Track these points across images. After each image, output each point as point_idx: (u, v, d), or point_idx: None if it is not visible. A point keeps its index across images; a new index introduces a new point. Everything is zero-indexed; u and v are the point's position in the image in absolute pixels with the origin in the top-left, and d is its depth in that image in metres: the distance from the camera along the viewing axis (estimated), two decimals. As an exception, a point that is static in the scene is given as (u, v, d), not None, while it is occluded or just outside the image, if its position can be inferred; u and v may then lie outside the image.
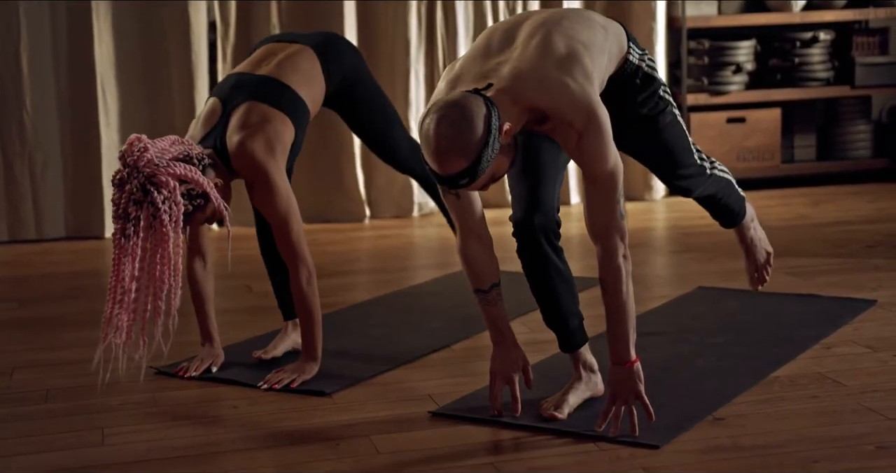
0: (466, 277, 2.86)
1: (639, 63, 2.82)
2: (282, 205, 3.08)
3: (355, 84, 3.40)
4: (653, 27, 5.73)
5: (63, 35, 5.26)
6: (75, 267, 4.81)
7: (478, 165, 2.47)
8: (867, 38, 6.02)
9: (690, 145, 3.00)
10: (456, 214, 2.80)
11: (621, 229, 2.66)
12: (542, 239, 2.78)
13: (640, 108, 2.85)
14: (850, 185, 5.99)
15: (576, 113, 2.56)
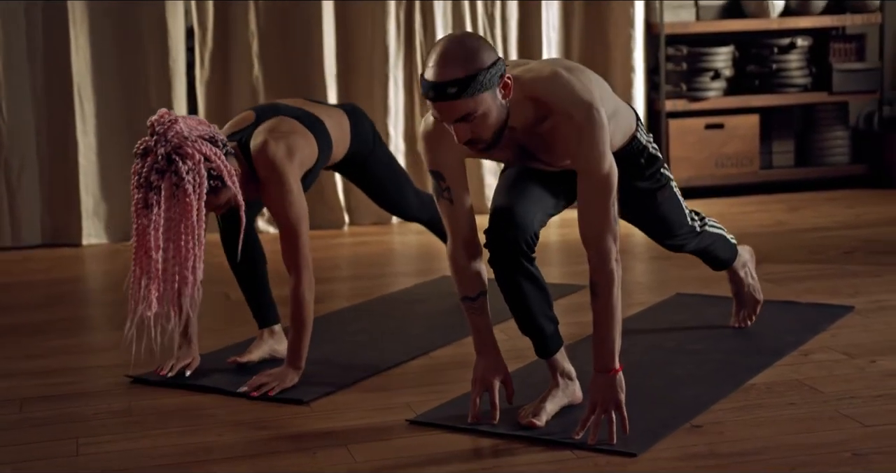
0: (454, 284, 2.86)
1: (646, 144, 2.98)
2: (294, 209, 3.12)
3: (371, 154, 3.54)
4: (631, 33, 5.74)
5: (39, 40, 5.23)
6: (53, 275, 4.79)
7: (472, 80, 2.48)
8: (844, 44, 6.05)
9: (685, 214, 3.15)
10: (448, 220, 2.81)
11: (615, 233, 2.68)
12: (516, 251, 2.76)
13: (642, 183, 3.01)
14: (828, 191, 6.01)
15: (578, 106, 2.62)
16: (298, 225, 3.13)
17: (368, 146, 3.55)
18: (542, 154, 2.76)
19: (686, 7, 5.88)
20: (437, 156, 2.75)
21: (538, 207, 2.82)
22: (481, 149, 2.62)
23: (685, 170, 5.89)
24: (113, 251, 5.22)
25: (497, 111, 2.56)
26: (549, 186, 2.88)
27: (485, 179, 5.72)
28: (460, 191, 2.78)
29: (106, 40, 5.29)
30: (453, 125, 2.55)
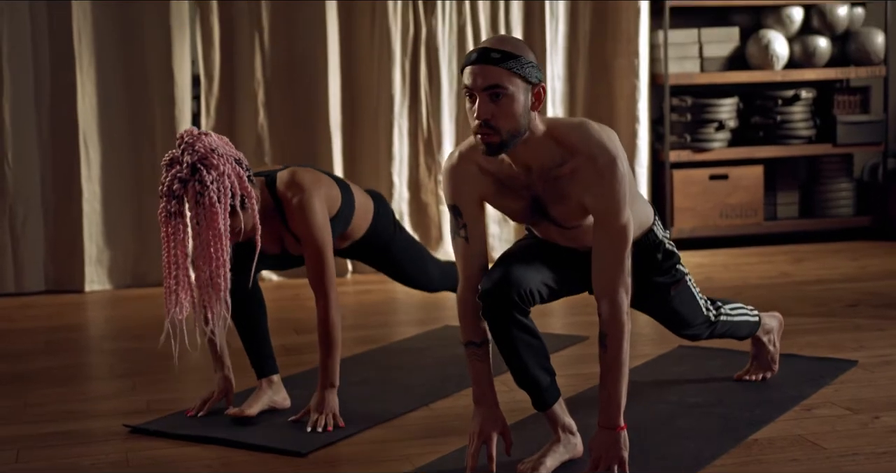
0: (460, 327, 2.86)
1: (662, 238, 3.02)
2: (320, 231, 3.18)
3: (392, 240, 3.59)
4: (636, 84, 5.76)
5: (46, 86, 5.26)
6: (54, 322, 4.78)
7: (515, 59, 2.59)
8: (848, 96, 6.07)
9: (700, 306, 3.18)
10: (461, 261, 2.82)
11: (627, 286, 2.69)
12: (508, 303, 2.75)
13: (658, 278, 3.05)
14: (833, 243, 6.00)
15: (603, 152, 2.66)
16: (325, 248, 3.20)
17: (389, 230, 3.57)
18: (555, 206, 2.75)
19: (691, 58, 5.90)
20: (457, 190, 2.79)
21: (536, 274, 2.81)
22: (494, 146, 2.62)
23: (689, 220, 5.88)
24: (115, 298, 5.22)
25: (522, 107, 2.61)
26: (554, 265, 2.88)
27: (489, 228, 5.72)
28: (476, 232, 2.81)
29: (112, 88, 5.31)
30: (479, 96, 2.60)
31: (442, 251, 5.67)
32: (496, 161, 2.76)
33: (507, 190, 2.77)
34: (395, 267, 3.69)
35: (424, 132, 5.63)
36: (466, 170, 2.78)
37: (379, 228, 3.55)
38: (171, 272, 2.98)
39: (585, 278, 2.85)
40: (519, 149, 2.68)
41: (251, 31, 5.41)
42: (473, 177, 2.77)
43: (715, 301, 3.28)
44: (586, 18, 5.77)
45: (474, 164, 2.78)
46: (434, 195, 5.66)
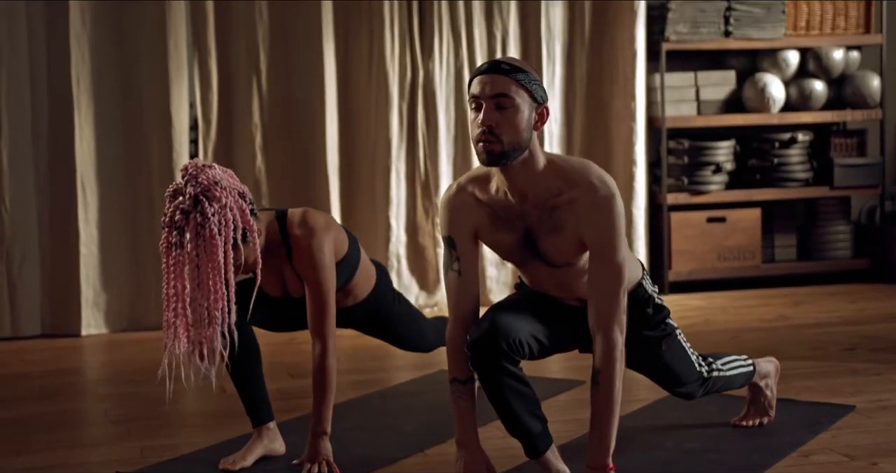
0: (448, 364, 2.85)
1: (651, 293, 3.03)
2: (326, 274, 3.16)
3: (391, 310, 3.57)
4: (633, 127, 5.78)
5: (44, 130, 5.27)
6: (50, 366, 4.75)
7: (524, 73, 2.67)
8: (845, 139, 6.08)
9: (692, 362, 3.16)
10: (453, 296, 2.82)
11: (622, 325, 2.69)
12: (497, 352, 2.75)
13: (648, 332, 3.04)
14: (831, 286, 5.99)
15: (601, 183, 2.70)
16: (328, 292, 3.18)
17: (389, 299, 3.55)
18: (548, 238, 2.76)
19: (687, 101, 5.92)
20: (453, 222, 2.82)
21: (526, 325, 2.81)
22: (495, 154, 2.65)
23: (687, 263, 5.88)
24: (112, 341, 5.20)
25: (526, 121, 2.66)
26: (544, 320, 2.88)
27: (486, 270, 5.71)
28: (469, 266, 2.82)
29: (110, 131, 5.33)
30: (485, 104, 2.65)
31: (440, 293, 5.66)
32: (492, 191, 2.78)
33: (501, 222, 2.79)
34: (392, 334, 3.66)
35: (422, 175, 5.64)
36: (463, 201, 2.82)
37: (380, 295, 3.52)
38: (171, 305, 2.96)
39: (576, 335, 2.85)
40: (518, 174, 2.70)
41: (249, 75, 5.44)
42: (469, 207, 2.81)
43: (706, 357, 3.27)
44: (583, 61, 5.79)
45: (471, 195, 2.82)
46: (431, 238, 5.66)
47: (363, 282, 3.44)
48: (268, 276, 3.27)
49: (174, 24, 5.28)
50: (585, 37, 5.78)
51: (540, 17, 5.67)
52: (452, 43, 5.61)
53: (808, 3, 5.90)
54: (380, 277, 3.52)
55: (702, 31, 5.80)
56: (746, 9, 5.81)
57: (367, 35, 5.54)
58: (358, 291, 3.44)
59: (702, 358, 3.23)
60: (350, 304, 3.45)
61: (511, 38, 5.66)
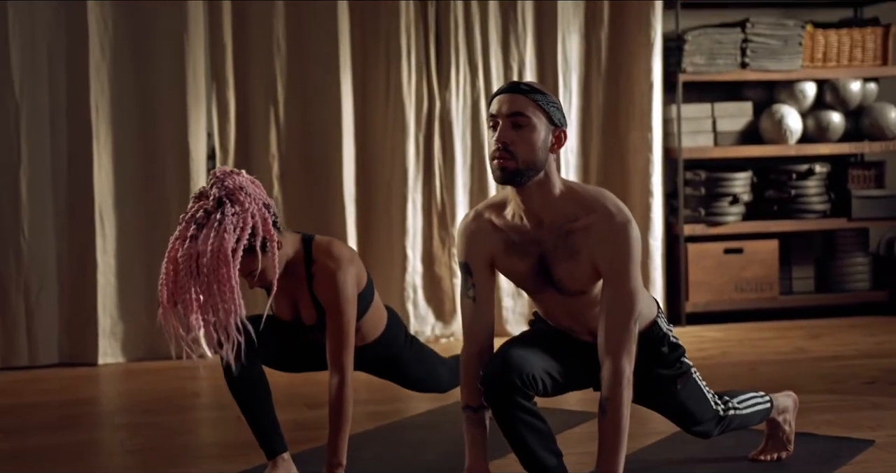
0: (461, 390, 2.85)
1: (666, 331, 3.01)
2: (349, 305, 3.18)
3: (402, 353, 3.56)
4: (650, 158, 5.78)
5: (62, 159, 5.30)
6: (67, 396, 4.76)
7: (542, 94, 2.71)
8: (863, 171, 6.07)
9: (708, 400, 3.14)
10: (468, 322, 2.83)
11: (631, 354, 2.69)
12: (510, 387, 2.74)
13: (663, 370, 3.02)
14: (849, 318, 5.96)
15: (618, 210, 2.72)
16: (349, 323, 3.19)
17: (399, 343, 3.54)
18: (562, 264, 2.76)
19: (704, 132, 5.92)
20: (469, 248, 2.84)
21: (540, 361, 2.81)
22: (508, 171, 2.67)
23: (704, 294, 5.86)
24: (129, 371, 5.21)
25: (542, 141, 2.69)
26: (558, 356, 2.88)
27: (503, 301, 5.71)
28: (485, 293, 2.83)
29: (129, 161, 5.35)
30: (503, 122, 2.68)
31: (456, 323, 5.65)
32: (508, 217, 2.79)
33: (516, 247, 2.79)
34: (403, 378, 3.65)
35: (438, 205, 5.65)
36: (479, 227, 2.83)
37: (390, 339, 3.50)
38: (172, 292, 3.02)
39: (590, 373, 2.85)
40: (533, 197, 2.72)
41: (266, 106, 5.46)
42: (485, 233, 2.82)
43: (723, 395, 3.25)
44: (600, 92, 5.80)
45: (487, 221, 2.84)
46: (448, 268, 5.66)
47: (373, 323, 3.43)
48: (282, 297, 3.28)
49: (193, 55, 5.32)
50: (602, 68, 5.80)
51: (556, 48, 5.69)
52: (469, 73, 5.63)
53: (825, 35, 5.90)
54: (391, 321, 3.51)
55: (718, 62, 5.80)
56: (763, 40, 5.81)
57: (384, 65, 5.56)
58: (366, 331, 3.42)
59: (718, 396, 3.21)
60: (358, 345, 3.42)
61: (528, 69, 5.67)
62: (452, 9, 5.56)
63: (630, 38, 5.77)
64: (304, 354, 3.44)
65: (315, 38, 5.46)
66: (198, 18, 5.32)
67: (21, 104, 5.22)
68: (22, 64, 5.20)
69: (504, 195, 2.84)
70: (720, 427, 3.22)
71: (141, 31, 5.32)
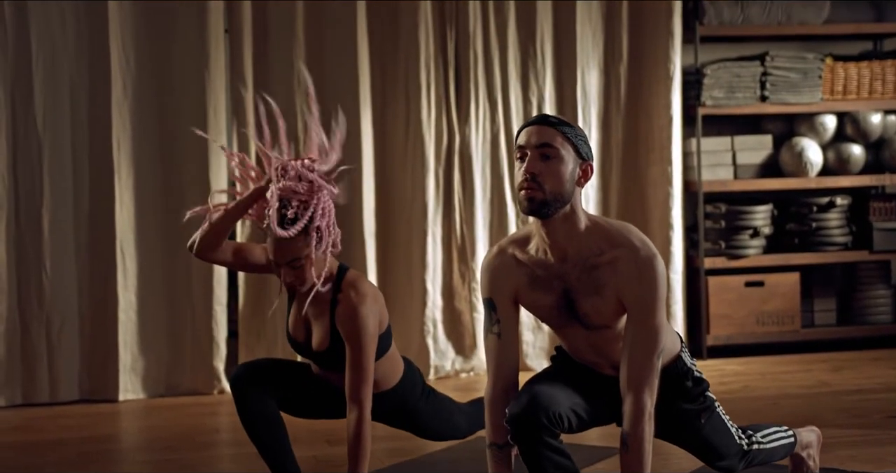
0: (486, 428, 2.84)
1: (690, 366, 3.00)
2: (369, 339, 3.21)
3: (418, 403, 3.54)
4: (669, 191, 5.77)
5: (85, 196, 5.33)
6: (87, 432, 4.76)
7: (571, 127, 2.73)
8: (884, 203, 6.04)
9: (732, 435, 3.12)
10: (493, 359, 2.83)
11: (653, 389, 2.68)
12: (537, 425, 2.73)
13: (687, 405, 3.00)
14: (871, 351, 5.92)
15: (643, 245, 2.73)
16: (369, 359, 3.21)
17: (416, 395, 3.53)
18: (587, 299, 2.76)
19: (724, 166, 5.91)
20: (494, 284, 2.84)
21: (566, 399, 2.80)
22: (536, 202, 2.68)
23: (725, 327, 5.83)
24: (149, 407, 5.21)
25: (570, 173, 2.70)
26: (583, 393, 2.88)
27: (524, 335, 5.69)
28: (509, 329, 2.83)
29: (150, 197, 5.37)
30: (531, 153, 2.70)
31: (476, 358, 5.64)
32: (531, 252, 2.79)
33: (540, 282, 2.79)
34: (422, 429, 3.63)
35: (458, 240, 5.65)
36: (503, 262, 2.84)
37: (406, 390, 3.49)
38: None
39: (614, 408, 2.83)
40: (559, 230, 2.72)
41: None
42: (510, 268, 2.83)
43: (746, 429, 3.23)
44: (619, 126, 5.81)
45: (511, 257, 2.84)
46: (468, 302, 5.65)
47: (389, 371, 3.42)
48: (299, 315, 3.33)
49: (214, 94, 5.35)
50: (621, 102, 5.80)
51: (576, 83, 5.70)
52: (488, 108, 5.64)
53: (845, 68, 5.90)
54: (408, 372, 3.50)
55: (738, 95, 5.80)
56: (783, 74, 5.82)
57: (403, 100, 5.58)
58: (381, 377, 3.40)
59: (741, 430, 3.19)
60: (374, 392, 3.39)
61: (547, 104, 5.68)
62: (472, 44, 5.58)
63: (649, 72, 5.78)
64: (321, 400, 3.44)
65: (335, 73, 5.49)
66: (219, 55, 5.36)
67: (44, 140, 5.25)
68: (45, 100, 5.25)
69: (528, 230, 2.84)
70: (744, 461, 3.20)
71: (162, 68, 5.36)
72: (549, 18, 5.68)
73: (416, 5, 5.52)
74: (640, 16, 5.78)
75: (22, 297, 5.27)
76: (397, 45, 5.57)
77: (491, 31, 5.61)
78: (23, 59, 5.23)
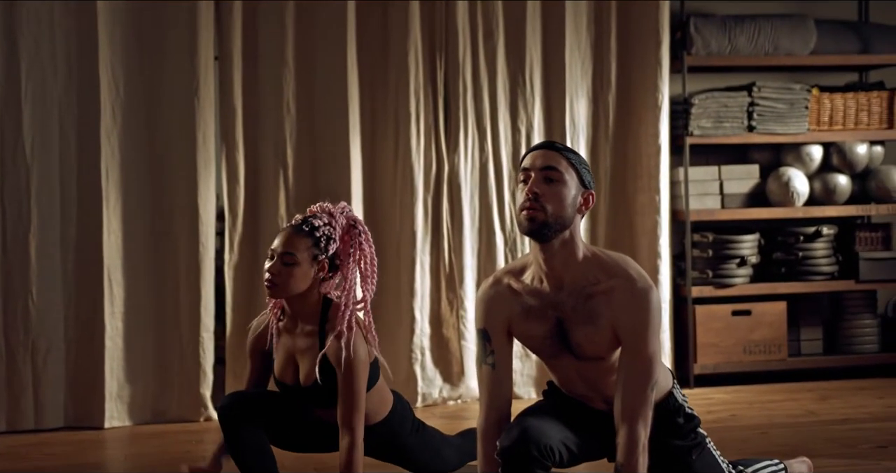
0: (478, 459, 2.84)
1: (682, 402, 3.01)
2: (362, 365, 3.22)
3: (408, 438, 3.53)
4: (657, 220, 5.79)
5: (72, 222, 5.31)
6: (72, 460, 4.72)
7: (576, 154, 2.77)
8: (870, 233, 6.07)
9: (724, 471, 3.11)
10: (486, 390, 2.82)
11: (647, 420, 2.68)
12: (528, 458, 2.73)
13: (678, 441, 3.00)
14: (858, 380, 5.93)
15: (640, 276, 2.74)
16: (362, 385, 3.21)
17: (406, 429, 3.52)
18: (581, 328, 2.76)
19: (711, 195, 5.94)
20: (488, 315, 2.85)
21: (557, 432, 2.81)
22: (537, 222, 2.69)
23: (712, 356, 5.84)
24: (134, 434, 5.18)
25: (571, 198, 2.73)
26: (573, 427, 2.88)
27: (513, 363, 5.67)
28: (503, 359, 2.83)
29: (138, 224, 5.36)
30: (535, 175, 2.72)
31: (464, 386, 5.62)
32: (526, 281, 2.79)
33: (534, 311, 2.80)
34: (410, 463, 3.61)
35: (446, 268, 5.65)
36: (498, 292, 2.85)
37: (394, 424, 3.47)
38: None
39: (605, 443, 2.83)
40: (556, 257, 2.73)
41: (276, 168, 5.48)
42: (504, 299, 2.83)
43: (737, 464, 3.23)
44: (607, 155, 5.83)
45: (506, 286, 2.85)
46: (455, 330, 5.65)
47: (377, 404, 3.41)
48: (285, 355, 3.34)
49: (203, 118, 5.35)
50: (609, 131, 5.83)
51: (564, 112, 5.72)
52: (477, 137, 5.66)
53: (832, 99, 5.94)
54: (397, 406, 3.49)
55: (725, 125, 5.84)
56: (769, 104, 5.85)
57: (392, 129, 5.59)
58: (369, 411, 3.38)
59: (732, 465, 3.19)
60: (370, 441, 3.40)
61: (536, 132, 5.70)
62: (461, 72, 5.60)
63: (637, 102, 5.80)
64: (309, 433, 3.43)
65: (325, 101, 5.49)
66: (208, 81, 5.36)
67: (32, 166, 5.24)
68: (33, 126, 5.23)
69: (525, 260, 2.85)
70: None
71: (151, 94, 5.36)
72: (538, 47, 5.70)
73: (406, 34, 5.54)
74: (629, 45, 5.81)
75: (8, 323, 5.24)
76: (387, 73, 5.58)
77: (480, 60, 5.63)
78: (12, 85, 5.22)
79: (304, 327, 3.32)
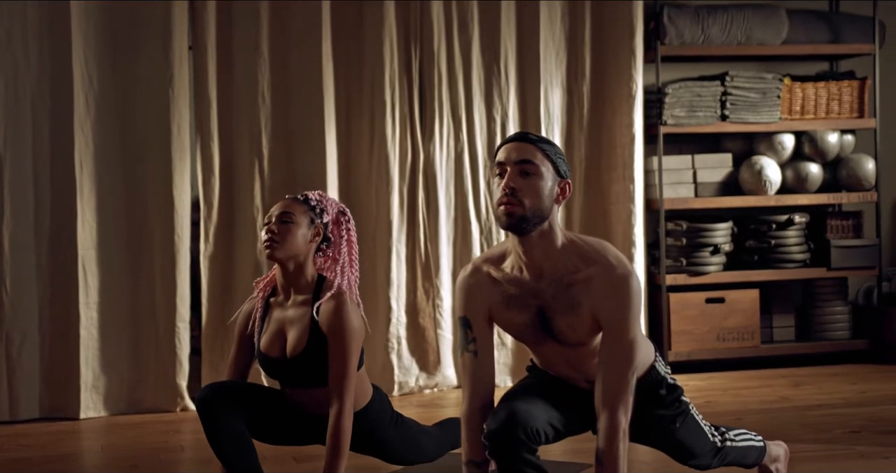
0: (463, 446, 2.84)
1: (664, 374, 3.04)
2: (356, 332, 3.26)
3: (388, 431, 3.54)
4: (631, 209, 5.81)
5: (46, 214, 5.28)
6: (49, 451, 4.71)
7: (551, 144, 2.76)
8: (841, 221, 6.13)
9: (706, 435, 3.16)
10: (469, 377, 2.83)
11: (627, 406, 2.70)
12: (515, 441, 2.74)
13: (662, 411, 3.03)
14: (831, 366, 6.00)
15: (619, 263, 2.74)
16: (354, 353, 3.24)
17: (384, 422, 3.52)
18: (563, 317, 2.77)
19: (685, 184, 5.97)
20: (469, 303, 2.85)
21: (542, 413, 2.82)
22: (515, 217, 2.69)
23: (686, 344, 5.88)
24: (110, 424, 5.16)
25: (548, 190, 2.72)
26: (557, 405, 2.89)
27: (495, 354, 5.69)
28: (485, 347, 2.83)
29: (112, 215, 5.34)
30: (511, 169, 2.71)
31: (440, 375, 5.64)
32: (506, 269, 2.80)
33: (515, 300, 2.80)
34: (389, 456, 3.62)
35: (422, 257, 5.66)
36: (478, 280, 2.85)
37: (371, 416, 3.47)
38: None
39: (587, 417, 2.85)
40: (535, 247, 2.73)
41: (251, 158, 5.47)
42: (484, 287, 2.84)
43: (719, 427, 3.27)
44: (582, 145, 5.85)
45: (486, 275, 2.85)
46: (432, 319, 5.66)
47: (358, 389, 3.40)
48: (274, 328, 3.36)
49: (177, 109, 5.33)
50: (584, 120, 5.85)
51: (539, 102, 5.74)
52: (452, 126, 5.67)
53: (803, 88, 5.98)
54: (376, 398, 3.50)
55: (698, 114, 5.87)
56: (742, 93, 5.89)
57: (368, 118, 5.59)
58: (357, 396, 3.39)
59: (714, 428, 3.22)
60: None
61: (511, 122, 5.72)
62: (436, 62, 5.61)
63: (611, 91, 5.83)
64: (288, 424, 3.43)
65: (300, 91, 5.49)
66: (183, 72, 5.35)
67: (5, 158, 5.21)
68: (6, 118, 5.20)
69: (503, 248, 2.86)
70: (717, 458, 3.22)
71: (126, 85, 5.34)
72: (512, 37, 5.72)
73: (381, 24, 5.54)
74: (603, 35, 5.84)
75: (-18, 315, 5.22)
76: (362, 63, 5.58)
77: (455, 50, 5.64)
78: (-16, 75, 5.19)
79: (296, 298, 3.34)
